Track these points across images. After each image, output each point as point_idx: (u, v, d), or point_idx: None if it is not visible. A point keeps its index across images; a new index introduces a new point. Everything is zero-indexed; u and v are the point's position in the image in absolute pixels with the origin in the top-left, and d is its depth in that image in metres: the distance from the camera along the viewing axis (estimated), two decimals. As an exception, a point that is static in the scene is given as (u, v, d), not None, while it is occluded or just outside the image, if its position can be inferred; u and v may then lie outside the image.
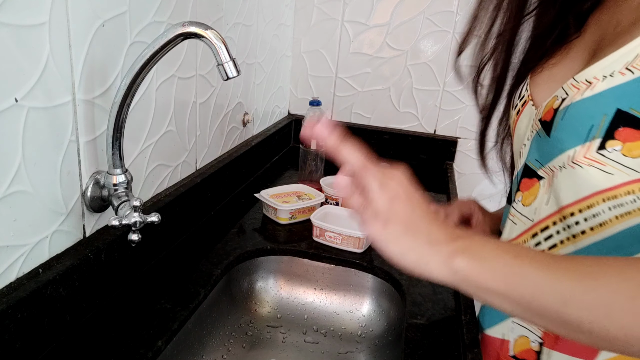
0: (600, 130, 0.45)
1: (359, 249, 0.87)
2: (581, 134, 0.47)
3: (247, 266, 0.87)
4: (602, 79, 0.46)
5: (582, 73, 0.49)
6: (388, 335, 0.81)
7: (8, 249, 0.51)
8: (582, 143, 0.47)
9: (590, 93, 0.47)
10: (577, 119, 0.48)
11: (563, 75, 0.55)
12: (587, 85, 0.47)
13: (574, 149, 0.48)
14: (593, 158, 0.46)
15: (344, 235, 0.87)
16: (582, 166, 0.47)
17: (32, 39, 0.50)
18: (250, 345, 0.80)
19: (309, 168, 1.17)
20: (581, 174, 0.47)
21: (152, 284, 0.72)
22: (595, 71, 0.47)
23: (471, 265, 0.39)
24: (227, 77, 0.54)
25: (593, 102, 0.46)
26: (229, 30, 0.98)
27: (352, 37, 1.41)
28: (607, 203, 0.47)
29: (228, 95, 1.04)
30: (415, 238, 0.41)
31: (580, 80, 0.48)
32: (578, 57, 0.55)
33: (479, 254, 0.40)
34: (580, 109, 0.47)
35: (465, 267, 0.39)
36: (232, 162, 1.04)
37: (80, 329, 0.60)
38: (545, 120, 0.52)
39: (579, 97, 0.48)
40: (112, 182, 0.61)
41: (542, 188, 0.54)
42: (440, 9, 1.33)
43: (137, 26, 0.67)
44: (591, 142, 0.46)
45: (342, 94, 1.48)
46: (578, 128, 0.47)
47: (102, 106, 0.62)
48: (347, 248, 0.88)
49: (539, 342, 0.55)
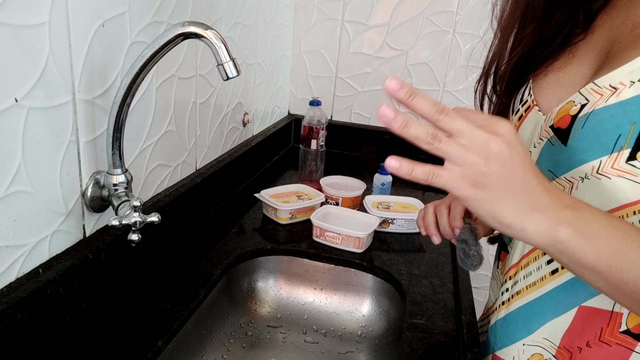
0: (629, 140, 0.43)
1: (359, 249, 0.87)
2: (607, 143, 0.44)
3: (247, 266, 0.87)
4: (630, 84, 0.43)
5: (604, 78, 0.46)
6: (388, 335, 0.81)
7: (8, 249, 0.51)
8: (609, 154, 0.44)
9: (615, 100, 0.44)
10: (601, 127, 0.45)
11: (571, 79, 0.52)
12: (611, 91, 0.45)
13: (599, 159, 0.45)
14: (622, 169, 0.44)
15: (343, 235, 0.87)
16: (609, 177, 0.45)
17: (32, 39, 0.50)
18: (250, 345, 0.80)
19: (309, 168, 1.17)
20: (608, 186, 0.45)
21: (152, 284, 0.72)
22: (621, 76, 0.44)
23: (576, 239, 0.38)
24: (227, 77, 0.54)
25: (619, 110, 0.43)
26: (229, 30, 0.98)
27: (352, 37, 1.41)
28: (637, 216, 0.44)
29: (228, 95, 1.04)
30: (514, 201, 0.38)
31: (603, 85, 0.46)
32: (586, 60, 0.52)
33: (588, 229, 0.38)
34: (604, 117, 0.45)
35: (570, 240, 0.38)
36: (232, 162, 1.04)
37: (80, 329, 0.60)
38: (560, 128, 0.49)
39: (602, 104, 0.45)
40: (112, 182, 0.61)
41: None
42: (440, 9, 1.33)
43: (137, 26, 0.67)
44: (619, 152, 0.43)
45: (342, 94, 1.48)
46: (603, 137, 0.45)
47: (102, 106, 0.62)
48: (347, 248, 0.88)
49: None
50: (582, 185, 0.48)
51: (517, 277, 0.57)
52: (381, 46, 1.40)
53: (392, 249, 0.91)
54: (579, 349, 0.51)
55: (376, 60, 1.42)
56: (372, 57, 1.42)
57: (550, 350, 0.54)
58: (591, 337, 0.50)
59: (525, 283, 0.56)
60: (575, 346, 0.52)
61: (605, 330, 0.49)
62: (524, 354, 0.57)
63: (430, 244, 0.94)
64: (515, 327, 0.58)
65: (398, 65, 1.41)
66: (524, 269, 0.56)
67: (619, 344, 0.49)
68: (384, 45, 1.40)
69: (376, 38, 1.40)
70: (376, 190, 1.13)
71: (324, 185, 1.07)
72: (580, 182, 0.48)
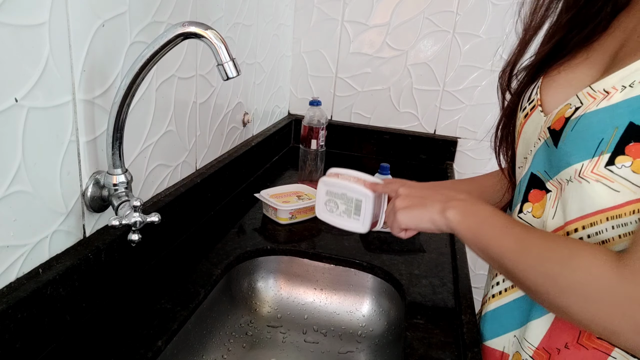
0: (609, 145, 0.43)
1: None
2: (590, 147, 0.45)
3: (247, 266, 0.87)
4: (621, 89, 0.43)
5: (600, 82, 0.46)
6: (388, 335, 0.81)
7: (8, 249, 0.51)
8: (590, 157, 0.45)
9: (605, 104, 0.44)
10: (588, 131, 0.45)
11: (579, 81, 0.52)
12: (604, 95, 0.45)
13: (582, 163, 0.46)
14: (600, 174, 0.44)
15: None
16: (589, 181, 0.45)
17: (32, 39, 0.50)
18: (250, 345, 0.80)
19: (309, 168, 1.17)
20: (587, 190, 0.46)
21: (152, 284, 0.72)
22: (614, 81, 0.44)
23: (457, 218, 0.55)
24: (227, 77, 0.54)
25: (606, 114, 0.44)
26: (229, 30, 0.98)
27: (352, 37, 1.41)
28: (610, 222, 0.45)
29: (228, 95, 1.04)
30: (421, 212, 0.59)
31: (598, 89, 0.46)
32: (597, 63, 0.52)
33: (466, 211, 0.55)
34: (592, 121, 0.45)
35: (453, 218, 0.55)
36: (232, 162, 1.04)
37: (80, 329, 0.60)
38: (555, 130, 0.50)
39: (593, 108, 0.45)
40: (112, 182, 0.61)
41: (549, 201, 0.52)
42: (440, 9, 1.33)
43: (137, 26, 0.67)
44: (600, 156, 0.44)
45: (342, 94, 1.48)
46: (587, 141, 0.45)
47: (102, 106, 0.62)
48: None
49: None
50: (567, 187, 0.49)
51: None
52: (381, 46, 1.40)
53: (392, 249, 0.91)
54: (557, 350, 0.52)
55: (376, 60, 1.42)
56: (372, 57, 1.42)
57: (527, 352, 0.55)
58: (570, 339, 0.51)
59: None
60: (554, 347, 0.52)
61: (583, 333, 0.50)
62: (512, 346, 0.58)
63: (431, 244, 0.94)
64: (507, 318, 0.59)
65: (398, 65, 1.41)
66: None
67: (596, 348, 0.50)
68: (384, 45, 1.40)
69: (376, 38, 1.40)
70: (376, 190, 1.13)
71: (324, 185, 1.07)
72: (566, 184, 0.49)
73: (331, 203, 0.72)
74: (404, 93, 1.43)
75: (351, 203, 0.69)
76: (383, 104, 1.45)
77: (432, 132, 1.45)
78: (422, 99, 1.43)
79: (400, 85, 1.42)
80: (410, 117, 1.45)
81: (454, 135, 1.44)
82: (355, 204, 0.69)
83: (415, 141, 1.43)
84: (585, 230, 0.48)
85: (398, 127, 1.46)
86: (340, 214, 0.71)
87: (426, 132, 1.45)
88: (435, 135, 1.44)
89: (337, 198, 0.71)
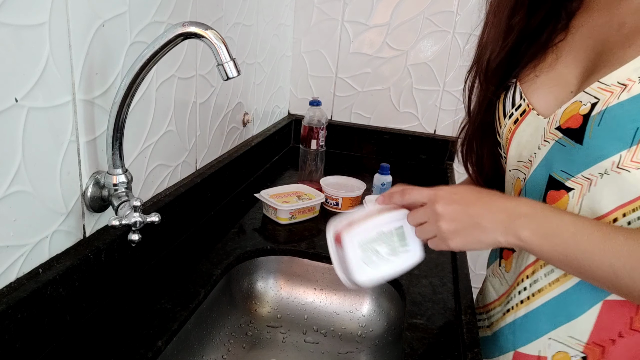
0: None
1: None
2: (624, 138, 0.46)
3: (247, 266, 0.87)
4: (639, 80, 0.45)
5: (610, 75, 0.48)
6: (388, 335, 0.81)
7: (8, 249, 0.51)
8: (628, 147, 0.46)
9: (627, 95, 0.46)
10: (618, 122, 0.47)
11: (564, 79, 0.54)
12: (621, 87, 0.46)
13: (619, 154, 0.47)
14: None
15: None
16: (629, 170, 0.46)
17: (32, 39, 0.50)
18: (250, 345, 0.80)
19: (309, 168, 1.17)
20: (627, 179, 0.47)
21: (152, 284, 0.72)
22: (628, 72, 0.46)
23: (533, 239, 0.48)
24: (227, 77, 0.54)
25: (633, 104, 0.45)
26: (229, 30, 0.98)
27: (352, 37, 1.41)
28: None
29: (228, 95, 1.04)
30: (476, 230, 0.51)
31: (611, 83, 0.47)
32: (572, 61, 0.54)
33: (541, 229, 0.48)
34: (619, 113, 0.46)
35: (531, 241, 0.48)
36: (232, 162, 1.04)
37: (80, 329, 0.60)
38: (572, 128, 0.51)
39: (614, 101, 0.47)
40: (112, 182, 0.61)
41: (572, 199, 0.52)
42: (440, 9, 1.33)
43: (137, 26, 0.67)
44: (638, 145, 0.45)
45: (342, 94, 1.47)
46: (620, 132, 0.46)
47: (102, 106, 0.62)
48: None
49: (582, 357, 0.55)
50: (600, 181, 0.49)
51: (537, 275, 0.58)
52: (381, 46, 1.40)
53: (392, 249, 0.91)
54: (612, 340, 0.53)
55: (376, 60, 1.42)
56: (372, 57, 1.42)
57: (577, 348, 0.55)
58: (622, 327, 0.52)
59: (547, 280, 0.57)
60: (607, 339, 0.53)
61: (634, 318, 0.51)
62: (549, 348, 0.57)
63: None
64: (539, 323, 0.58)
65: (398, 65, 1.41)
66: (544, 267, 0.57)
67: None
68: (384, 45, 1.40)
69: (376, 38, 1.40)
70: (376, 190, 1.13)
71: (324, 185, 1.07)
72: (599, 178, 0.49)
73: (369, 253, 0.56)
74: (404, 93, 1.43)
75: (392, 237, 0.57)
76: (383, 104, 1.45)
77: (432, 132, 1.45)
78: (422, 99, 1.43)
79: (400, 85, 1.42)
80: (410, 117, 1.45)
81: (454, 135, 1.43)
82: (397, 234, 0.57)
83: (415, 141, 1.43)
84: (626, 217, 0.48)
85: (398, 127, 1.46)
86: (386, 257, 0.57)
87: (426, 132, 1.45)
88: (435, 135, 1.44)
89: (374, 243, 0.56)
